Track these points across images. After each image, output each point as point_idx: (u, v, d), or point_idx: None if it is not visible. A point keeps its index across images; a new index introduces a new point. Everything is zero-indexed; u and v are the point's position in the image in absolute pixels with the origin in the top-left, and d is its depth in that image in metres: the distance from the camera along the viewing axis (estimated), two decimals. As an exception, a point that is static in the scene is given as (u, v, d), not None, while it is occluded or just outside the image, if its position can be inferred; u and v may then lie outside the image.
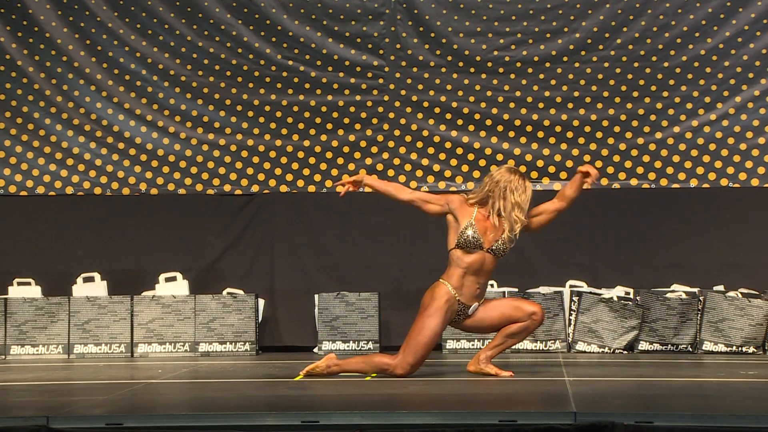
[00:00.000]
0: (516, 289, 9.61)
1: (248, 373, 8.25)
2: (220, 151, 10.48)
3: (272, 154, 10.47)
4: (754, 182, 10.15)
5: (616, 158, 10.28)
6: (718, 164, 10.20)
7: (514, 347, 7.91)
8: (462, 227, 7.44)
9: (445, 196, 7.64)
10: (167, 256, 10.20)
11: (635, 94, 10.37)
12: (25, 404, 6.46)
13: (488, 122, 10.38)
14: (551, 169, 10.29)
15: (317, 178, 10.42)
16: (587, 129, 10.36)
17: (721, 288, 9.62)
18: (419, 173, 10.32)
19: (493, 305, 7.59)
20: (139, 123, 10.51)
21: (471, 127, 10.40)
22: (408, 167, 10.34)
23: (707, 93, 10.31)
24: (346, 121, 10.49)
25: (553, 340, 9.52)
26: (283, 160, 10.46)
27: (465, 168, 10.32)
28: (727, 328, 9.29)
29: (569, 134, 10.36)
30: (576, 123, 10.37)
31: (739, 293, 9.46)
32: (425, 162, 10.35)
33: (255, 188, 10.43)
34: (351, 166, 10.42)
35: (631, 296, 9.51)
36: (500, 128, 10.37)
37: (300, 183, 10.43)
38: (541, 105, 10.41)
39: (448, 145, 10.35)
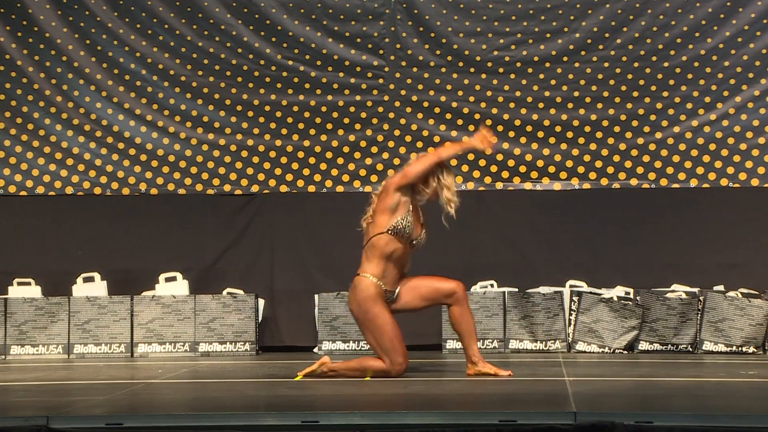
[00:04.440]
0: (516, 289, 9.61)
1: (248, 373, 8.25)
2: (220, 151, 10.48)
3: (272, 154, 10.47)
4: (754, 182, 10.15)
5: (616, 158, 10.28)
6: (718, 164, 10.20)
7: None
8: (400, 216, 7.36)
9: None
10: (167, 256, 10.20)
11: (635, 94, 10.37)
12: (25, 404, 6.47)
13: (488, 122, 10.38)
14: (551, 169, 10.29)
15: (317, 178, 10.42)
16: (587, 129, 10.36)
17: (721, 288, 9.62)
18: (419, 173, 10.30)
19: (413, 287, 7.48)
20: (139, 123, 10.52)
21: (471, 127, 10.39)
22: (408, 167, 10.33)
23: (707, 93, 10.31)
24: (346, 121, 10.50)
25: (553, 340, 9.52)
26: (283, 160, 10.46)
27: (465, 168, 10.32)
28: (727, 328, 9.29)
29: (569, 134, 10.36)
30: (576, 123, 10.37)
31: (739, 293, 9.46)
32: (425, 162, 10.33)
33: (255, 188, 10.43)
34: (351, 166, 10.43)
35: (631, 296, 9.51)
36: (500, 128, 10.37)
37: (300, 183, 10.43)
38: (541, 105, 10.41)
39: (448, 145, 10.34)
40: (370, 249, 7.40)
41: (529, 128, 10.38)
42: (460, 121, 10.43)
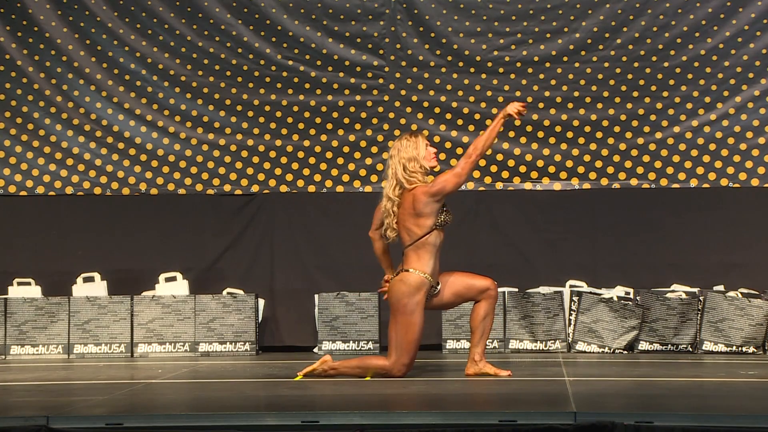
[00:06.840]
0: (516, 289, 9.61)
1: (248, 373, 8.25)
2: (220, 151, 10.48)
3: (272, 154, 10.47)
4: (754, 182, 10.15)
5: (616, 158, 10.29)
6: (718, 164, 10.20)
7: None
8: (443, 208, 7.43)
9: (434, 187, 7.41)
10: (167, 256, 10.20)
11: (635, 94, 10.37)
12: (25, 404, 6.47)
13: (488, 122, 10.36)
14: (551, 169, 10.29)
15: (317, 178, 10.42)
16: (587, 129, 10.37)
17: (721, 288, 9.62)
18: (419, 173, 10.31)
19: (448, 282, 7.55)
20: (139, 123, 10.52)
21: (471, 127, 10.40)
22: (408, 167, 10.33)
23: (707, 93, 10.31)
24: (346, 121, 10.50)
25: (553, 340, 9.52)
26: (283, 160, 10.47)
27: (465, 168, 10.30)
28: (727, 328, 9.29)
29: (569, 134, 10.36)
30: (576, 123, 10.37)
31: (739, 293, 9.46)
32: (425, 162, 10.33)
33: (255, 188, 10.43)
34: (351, 166, 10.43)
35: (631, 296, 9.51)
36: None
37: (300, 183, 10.43)
38: (541, 105, 10.41)
39: (448, 145, 10.35)
40: (421, 247, 7.41)
41: (529, 128, 10.38)
42: (460, 121, 10.43)
